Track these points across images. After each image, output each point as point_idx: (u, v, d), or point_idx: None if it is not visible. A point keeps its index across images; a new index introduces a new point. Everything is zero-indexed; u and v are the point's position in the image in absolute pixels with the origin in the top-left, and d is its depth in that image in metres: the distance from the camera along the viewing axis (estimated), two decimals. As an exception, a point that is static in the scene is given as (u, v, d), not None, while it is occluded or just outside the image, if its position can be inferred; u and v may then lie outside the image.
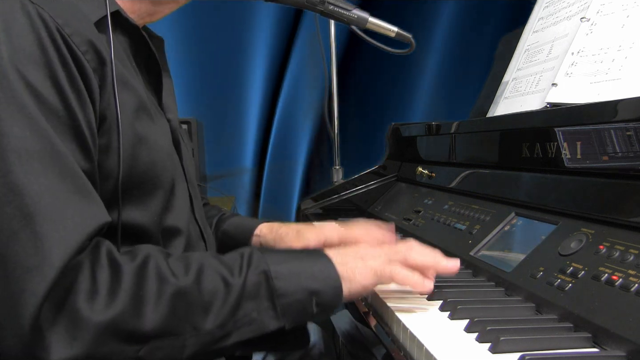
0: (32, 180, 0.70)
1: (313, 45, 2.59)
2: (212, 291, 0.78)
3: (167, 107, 1.02)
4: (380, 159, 1.94)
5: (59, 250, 0.69)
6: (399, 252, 0.90)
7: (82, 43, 0.78)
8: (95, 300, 0.71)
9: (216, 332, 0.77)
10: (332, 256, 0.87)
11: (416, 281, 0.86)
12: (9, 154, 0.69)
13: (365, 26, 1.21)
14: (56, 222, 0.70)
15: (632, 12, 1.11)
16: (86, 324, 0.69)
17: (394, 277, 0.86)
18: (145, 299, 0.73)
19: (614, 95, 1.02)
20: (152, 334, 0.73)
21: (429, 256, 0.90)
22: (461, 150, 1.47)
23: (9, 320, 0.67)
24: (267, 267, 0.82)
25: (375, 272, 0.86)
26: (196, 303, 0.77)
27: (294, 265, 0.84)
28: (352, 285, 0.85)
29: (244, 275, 0.80)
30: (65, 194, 0.72)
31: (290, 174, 2.95)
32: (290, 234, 1.17)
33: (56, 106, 0.74)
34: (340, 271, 0.85)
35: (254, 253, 0.84)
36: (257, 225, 1.24)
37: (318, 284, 0.83)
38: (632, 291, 0.70)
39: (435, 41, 2.89)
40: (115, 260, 0.75)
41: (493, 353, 0.69)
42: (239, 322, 0.79)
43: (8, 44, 0.72)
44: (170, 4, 1.00)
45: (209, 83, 2.83)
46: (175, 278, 0.77)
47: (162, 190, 0.92)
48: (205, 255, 0.84)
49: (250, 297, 0.80)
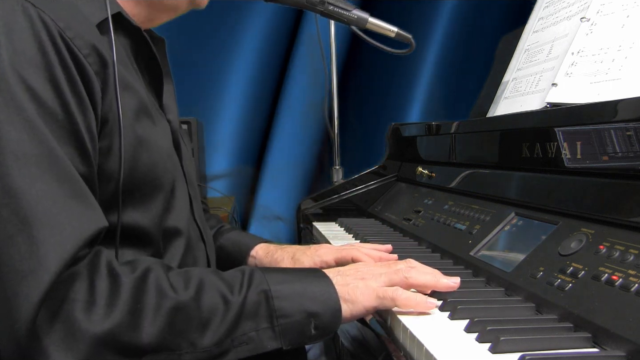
0: (29, 184, 0.69)
1: (313, 45, 2.59)
2: (211, 308, 0.77)
3: (167, 108, 1.02)
4: (380, 159, 1.94)
5: (55, 255, 0.68)
6: (399, 271, 0.89)
7: (84, 46, 0.78)
8: (92, 310, 0.70)
9: (213, 349, 0.77)
10: (333, 277, 0.86)
11: (419, 302, 0.84)
12: (6, 157, 0.69)
13: (365, 26, 1.22)
14: (53, 227, 0.69)
15: (632, 12, 1.11)
16: (82, 335, 0.68)
17: (396, 301, 0.85)
18: (144, 312, 0.73)
19: (614, 95, 1.02)
20: (149, 348, 0.72)
21: (429, 275, 0.89)
22: (461, 150, 1.47)
23: (4, 325, 0.67)
24: (267, 287, 0.81)
25: (377, 294, 0.85)
26: (194, 319, 0.76)
27: (295, 285, 0.83)
28: (355, 307, 0.85)
29: (243, 293, 0.80)
30: (62, 198, 0.71)
31: (292, 174, 2.95)
32: (286, 259, 1.17)
33: (55, 110, 0.73)
34: (342, 292, 0.84)
35: (255, 271, 0.84)
36: (254, 245, 1.24)
37: (318, 306, 0.82)
38: (632, 291, 0.70)
39: (435, 41, 2.88)
40: (115, 271, 0.74)
41: (493, 353, 0.69)
42: (237, 340, 0.78)
43: (9, 47, 0.71)
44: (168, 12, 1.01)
45: (209, 83, 2.83)
46: (174, 292, 0.76)
47: (162, 192, 0.92)
48: (205, 271, 0.83)
49: (249, 316, 0.79)
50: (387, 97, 2.97)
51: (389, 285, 0.87)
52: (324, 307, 0.82)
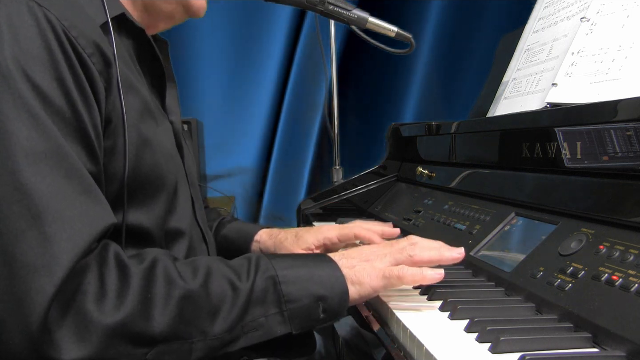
0: (40, 180, 0.70)
1: (313, 45, 2.59)
2: (220, 295, 0.78)
3: (170, 110, 1.03)
4: (380, 159, 1.94)
5: (67, 250, 0.69)
6: (403, 249, 0.90)
7: (88, 45, 0.78)
8: (103, 302, 0.71)
9: (224, 336, 0.77)
10: (338, 260, 0.87)
11: (425, 276, 0.85)
12: (16, 153, 0.70)
13: (365, 26, 1.21)
14: (64, 222, 0.70)
15: (632, 12, 1.11)
16: (94, 326, 0.69)
17: (402, 278, 0.85)
18: (154, 301, 0.73)
19: (614, 95, 1.02)
20: (160, 337, 0.73)
21: (434, 250, 0.91)
22: (461, 150, 1.47)
23: (16, 319, 0.67)
24: (274, 272, 0.81)
25: (384, 274, 0.86)
26: (204, 307, 0.76)
27: (302, 270, 0.83)
28: (362, 288, 0.85)
29: (251, 280, 0.80)
30: (72, 194, 0.72)
31: (291, 174, 2.94)
32: (290, 238, 1.18)
33: (62, 108, 0.74)
34: (348, 275, 0.85)
35: (261, 258, 0.84)
36: (257, 230, 1.25)
37: (325, 290, 0.82)
38: (632, 291, 0.70)
39: (435, 41, 2.88)
40: (123, 263, 0.75)
41: (493, 353, 0.69)
42: (247, 326, 0.79)
43: (15, 45, 0.72)
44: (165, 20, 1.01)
45: (210, 83, 2.83)
46: (183, 281, 0.76)
47: (165, 193, 0.92)
48: (212, 260, 0.84)
49: (258, 302, 0.79)
50: (387, 97, 2.96)
51: (395, 264, 0.88)
52: (332, 290, 0.83)
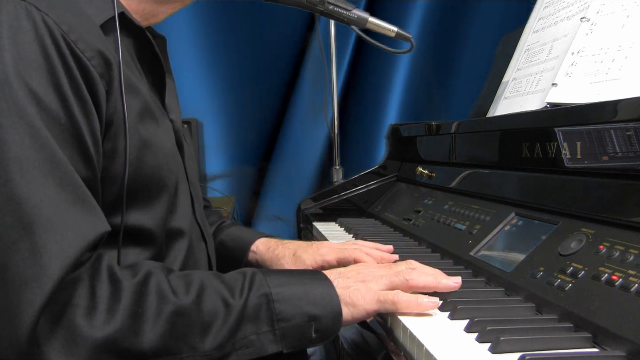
0: (32, 189, 0.69)
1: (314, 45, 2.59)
2: (212, 312, 0.77)
3: (170, 108, 1.02)
4: (380, 159, 1.94)
5: (57, 262, 0.68)
6: (400, 273, 0.88)
7: (88, 49, 0.77)
8: (93, 316, 0.70)
9: (214, 353, 0.76)
10: (334, 279, 0.86)
11: (419, 304, 0.84)
12: (9, 162, 0.69)
13: (365, 26, 1.21)
14: (55, 233, 0.69)
15: (632, 12, 1.11)
16: (83, 340, 0.68)
17: (397, 304, 0.84)
18: (144, 316, 0.73)
19: (614, 95, 1.02)
20: (150, 353, 0.72)
21: (431, 277, 0.89)
22: (461, 150, 1.47)
23: (6, 330, 0.67)
24: (268, 290, 0.81)
25: (378, 298, 0.85)
26: (195, 323, 0.76)
27: (296, 288, 0.83)
28: (356, 310, 0.84)
29: (244, 296, 0.80)
30: (64, 204, 0.71)
31: (291, 174, 2.94)
32: (287, 256, 1.16)
33: (58, 114, 0.73)
34: (343, 295, 0.84)
35: (256, 274, 0.84)
36: (254, 239, 1.24)
37: (318, 310, 0.82)
38: (632, 291, 0.70)
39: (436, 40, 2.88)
40: (116, 276, 0.74)
41: (493, 353, 0.69)
42: (238, 344, 0.78)
43: (12, 51, 0.71)
44: (174, 3, 0.99)
45: (210, 83, 2.82)
46: (175, 297, 0.76)
47: (166, 193, 0.92)
48: (206, 275, 0.83)
49: (250, 319, 0.79)
50: (387, 97, 2.96)
51: (390, 288, 0.87)
52: (325, 310, 0.82)
